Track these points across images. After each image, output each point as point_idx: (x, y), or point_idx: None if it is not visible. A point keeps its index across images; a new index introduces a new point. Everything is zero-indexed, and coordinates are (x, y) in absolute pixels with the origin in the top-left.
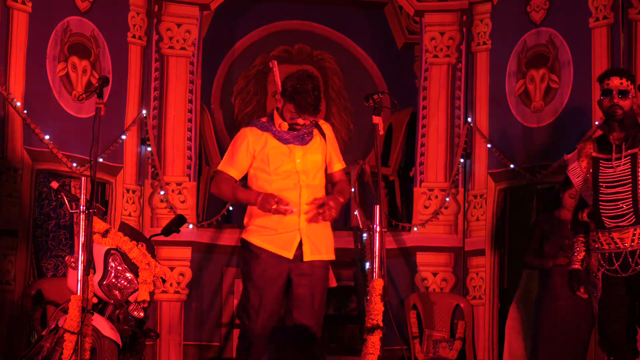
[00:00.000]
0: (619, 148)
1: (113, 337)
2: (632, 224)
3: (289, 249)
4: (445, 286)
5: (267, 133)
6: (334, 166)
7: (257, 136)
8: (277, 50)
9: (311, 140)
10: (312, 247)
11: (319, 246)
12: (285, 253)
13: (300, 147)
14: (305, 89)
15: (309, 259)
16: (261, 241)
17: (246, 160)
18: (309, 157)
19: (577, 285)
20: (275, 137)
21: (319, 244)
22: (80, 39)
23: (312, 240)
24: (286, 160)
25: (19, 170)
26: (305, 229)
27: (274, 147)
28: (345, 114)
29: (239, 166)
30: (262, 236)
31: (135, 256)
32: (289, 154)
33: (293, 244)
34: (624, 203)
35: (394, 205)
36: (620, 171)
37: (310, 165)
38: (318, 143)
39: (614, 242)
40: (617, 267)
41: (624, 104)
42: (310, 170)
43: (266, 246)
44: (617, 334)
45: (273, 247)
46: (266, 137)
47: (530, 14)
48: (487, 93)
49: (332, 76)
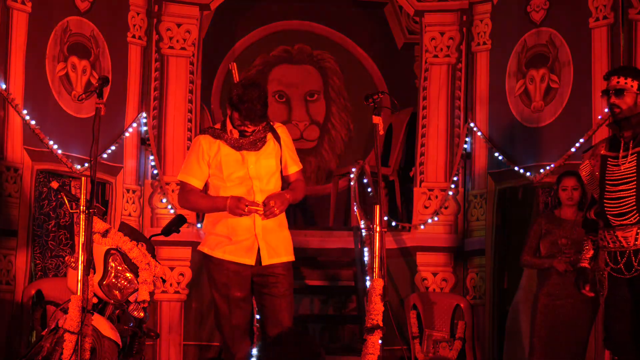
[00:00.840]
0: (627, 146)
1: (113, 337)
2: (635, 222)
3: (250, 255)
4: (445, 286)
5: (220, 140)
6: (289, 169)
7: (210, 143)
8: (277, 50)
9: (264, 146)
10: (270, 251)
11: (277, 249)
12: (247, 260)
13: (253, 153)
14: (250, 97)
15: (267, 263)
16: (222, 252)
17: (203, 167)
18: (262, 162)
19: (583, 284)
20: (228, 144)
21: (277, 247)
22: (80, 39)
23: (269, 244)
24: (239, 167)
25: (19, 170)
26: (262, 234)
27: (227, 154)
28: (345, 114)
29: (198, 174)
30: (222, 247)
31: (135, 256)
32: (241, 161)
33: (253, 250)
34: (627, 201)
35: (394, 205)
36: (625, 169)
37: (264, 171)
38: (271, 148)
39: (619, 240)
40: (621, 266)
41: (620, 103)
42: (263, 175)
43: (227, 257)
44: (621, 333)
45: (234, 256)
46: (219, 144)
47: (530, 14)
48: (487, 93)
49: (332, 76)
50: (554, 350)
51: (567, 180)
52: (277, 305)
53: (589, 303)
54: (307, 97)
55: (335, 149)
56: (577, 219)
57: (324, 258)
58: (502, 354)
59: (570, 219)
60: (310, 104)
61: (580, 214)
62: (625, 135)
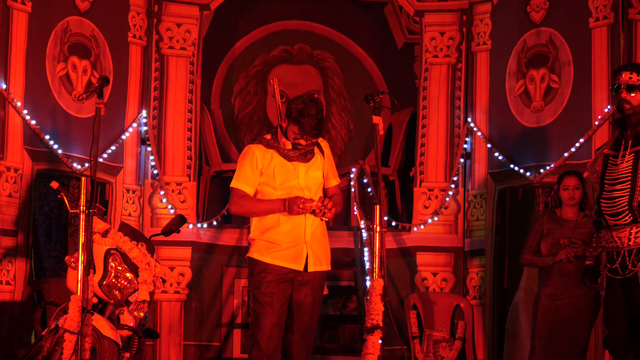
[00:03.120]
0: (627, 145)
1: (113, 337)
2: (628, 222)
3: (299, 261)
4: (445, 286)
5: (272, 150)
6: (330, 182)
7: (263, 153)
8: (277, 50)
9: (312, 158)
10: (316, 258)
11: (320, 257)
12: (296, 266)
13: (303, 165)
14: (310, 113)
15: (313, 270)
16: (272, 258)
17: (256, 175)
18: (311, 174)
19: (589, 282)
20: (280, 154)
21: (321, 256)
22: (80, 39)
23: (315, 252)
24: (291, 177)
25: (19, 170)
26: (310, 241)
27: (280, 164)
28: (345, 114)
29: (250, 181)
30: (271, 253)
31: (135, 256)
32: (293, 171)
33: (302, 256)
34: (621, 201)
35: (394, 205)
36: (623, 168)
37: (312, 182)
38: (319, 161)
39: (614, 240)
40: (617, 266)
41: (632, 99)
42: (312, 186)
43: (277, 262)
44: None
45: (284, 262)
46: (272, 153)
47: (530, 14)
48: (487, 93)
49: (332, 76)
50: (554, 350)
51: (569, 180)
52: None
53: (590, 303)
54: None
55: (335, 149)
56: (579, 219)
57: None
58: (502, 354)
59: (571, 219)
60: None
61: (581, 214)
62: (627, 133)
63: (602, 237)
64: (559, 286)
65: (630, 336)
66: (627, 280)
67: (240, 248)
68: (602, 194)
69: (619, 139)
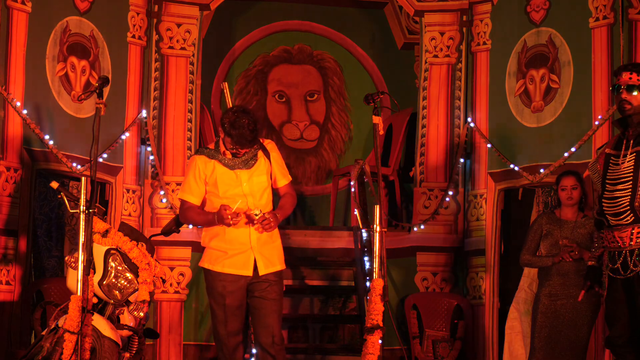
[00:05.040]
0: (628, 145)
1: (113, 337)
2: (630, 222)
3: (247, 267)
4: (445, 286)
5: (214, 160)
6: (279, 182)
7: (205, 163)
8: (277, 50)
9: (255, 164)
10: (266, 262)
11: (272, 259)
12: (245, 272)
13: (245, 171)
14: (241, 124)
15: (264, 273)
16: (221, 266)
17: (200, 185)
18: (254, 180)
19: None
20: (222, 163)
21: (272, 257)
22: (80, 38)
23: (264, 256)
24: (233, 185)
25: (19, 170)
26: (257, 247)
27: (222, 173)
28: (345, 114)
29: (195, 192)
30: (220, 262)
31: (135, 256)
32: (235, 179)
33: (249, 262)
34: (622, 201)
35: (394, 205)
36: (624, 168)
37: (256, 187)
38: (262, 165)
39: (616, 240)
40: (618, 266)
41: (632, 99)
42: (256, 192)
43: (226, 270)
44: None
45: (233, 269)
46: (214, 163)
47: (530, 14)
48: (487, 93)
49: (332, 76)
50: (554, 350)
51: (566, 180)
52: (267, 308)
53: (590, 303)
54: (307, 97)
55: (335, 149)
56: (578, 220)
57: (324, 258)
58: (502, 354)
59: (571, 220)
60: (310, 104)
61: (581, 214)
62: (629, 133)
63: (603, 237)
64: (558, 286)
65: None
66: (628, 280)
67: None
68: (603, 194)
69: (620, 139)
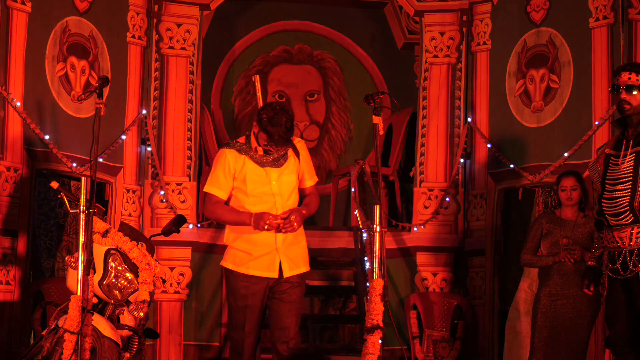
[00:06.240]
0: (628, 145)
1: (113, 337)
2: (630, 223)
3: (273, 269)
4: (445, 286)
5: (245, 155)
6: (305, 182)
7: (235, 158)
8: (277, 50)
9: (285, 162)
10: (291, 263)
11: (296, 261)
12: (270, 274)
13: (275, 170)
14: (279, 122)
15: (289, 275)
16: (246, 269)
17: (229, 180)
18: (283, 179)
19: (589, 283)
20: (252, 159)
21: (297, 259)
22: (79, 39)
23: (289, 258)
24: (262, 183)
25: (19, 170)
26: (282, 248)
27: (252, 170)
28: (345, 114)
29: (224, 186)
30: (245, 263)
31: (135, 256)
32: (265, 177)
33: (274, 264)
34: (622, 201)
35: (394, 205)
36: (624, 168)
37: (285, 187)
38: (292, 164)
39: (615, 240)
40: (618, 266)
41: (631, 99)
42: (285, 191)
43: (252, 272)
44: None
45: (258, 271)
46: (244, 159)
47: (530, 14)
48: (487, 93)
49: (332, 76)
50: (554, 350)
51: (566, 181)
52: (286, 310)
53: (590, 303)
54: (307, 97)
55: (335, 149)
56: (578, 220)
57: (324, 258)
58: (502, 354)
59: (571, 219)
60: (310, 104)
61: (581, 214)
62: (629, 133)
63: (603, 237)
64: (558, 286)
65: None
66: (628, 280)
67: None
68: (603, 194)
69: (620, 139)
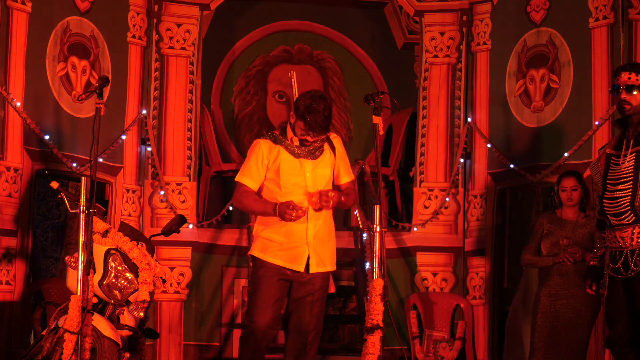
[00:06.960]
0: (629, 145)
1: (113, 337)
2: (631, 222)
3: (300, 262)
4: (445, 286)
5: (280, 146)
6: (341, 179)
7: (270, 148)
8: (277, 50)
9: (321, 155)
10: (318, 260)
11: (324, 259)
12: (297, 267)
13: (310, 162)
14: (317, 109)
15: (315, 271)
16: (273, 257)
17: (261, 170)
18: (318, 172)
19: (590, 283)
20: (287, 150)
21: (324, 257)
22: (80, 39)
23: (318, 254)
24: (296, 174)
25: (19, 170)
26: (313, 243)
27: (286, 160)
28: (345, 114)
29: (255, 177)
30: (273, 252)
31: (135, 256)
32: (299, 168)
33: (303, 257)
34: (623, 201)
35: (394, 205)
36: (624, 168)
37: (319, 180)
38: (327, 158)
39: (617, 240)
40: (619, 266)
41: (631, 99)
42: (319, 184)
43: (278, 262)
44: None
45: (284, 262)
46: (279, 149)
47: (530, 14)
48: (487, 93)
49: (332, 76)
50: (554, 350)
51: (566, 181)
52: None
53: (590, 303)
54: None
55: None
56: (579, 220)
57: None
58: (502, 354)
59: (571, 220)
60: None
61: (581, 214)
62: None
63: (605, 237)
64: (558, 286)
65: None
66: (629, 279)
67: (240, 248)
68: (604, 194)
69: (621, 139)
